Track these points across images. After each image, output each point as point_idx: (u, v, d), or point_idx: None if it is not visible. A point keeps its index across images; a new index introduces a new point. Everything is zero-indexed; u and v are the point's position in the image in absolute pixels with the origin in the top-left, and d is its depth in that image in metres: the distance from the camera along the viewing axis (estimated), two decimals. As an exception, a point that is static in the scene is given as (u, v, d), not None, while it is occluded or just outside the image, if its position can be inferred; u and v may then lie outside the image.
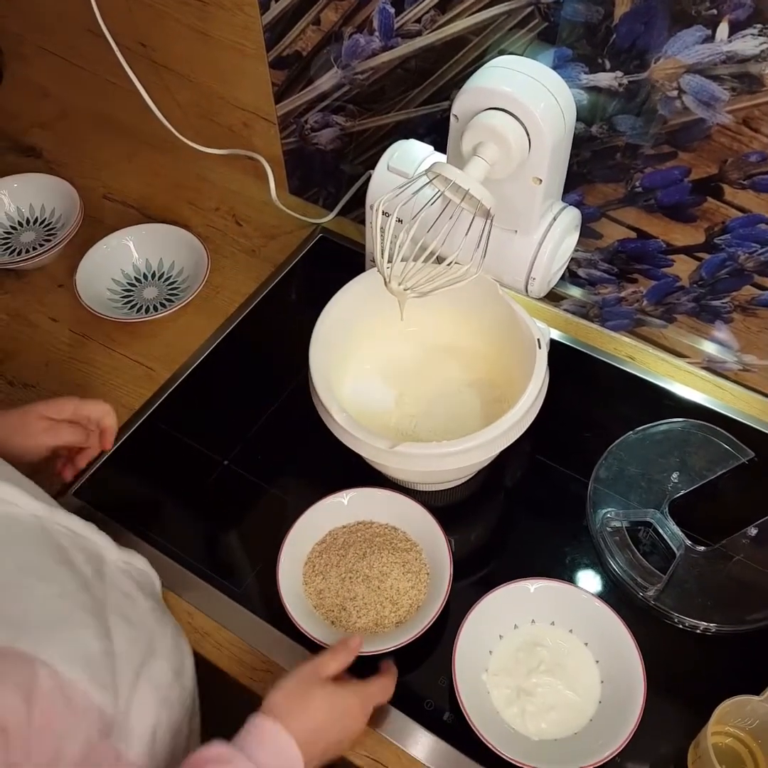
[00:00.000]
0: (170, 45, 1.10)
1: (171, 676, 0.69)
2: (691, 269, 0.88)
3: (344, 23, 0.90)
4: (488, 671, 0.77)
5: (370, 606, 0.79)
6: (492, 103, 0.70)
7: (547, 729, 0.74)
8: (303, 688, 0.68)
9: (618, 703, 0.74)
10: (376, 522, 0.84)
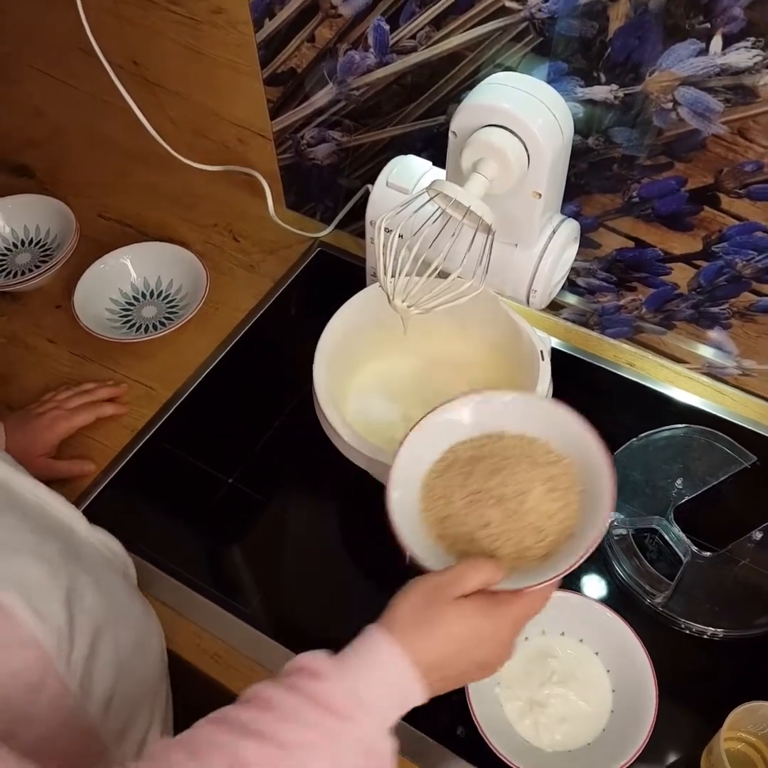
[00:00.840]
0: (163, 63, 1.10)
1: (132, 647, 0.70)
2: (689, 277, 0.89)
3: (339, 40, 0.91)
4: (501, 684, 0.77)
5: (508, 534, 0.62)
6: (490, 120, 0.70)
7: (560, 740, 0.74)
8: (433, 605, 0.56)
9: (630, 713, 0.74)
10: (509, 432, 0.68)
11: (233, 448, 0.94)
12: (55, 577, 0.63)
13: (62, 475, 0.90)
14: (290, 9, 0.91)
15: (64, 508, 0.73)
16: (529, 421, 0.68)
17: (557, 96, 0.72)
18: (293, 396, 0.98)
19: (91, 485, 0.91)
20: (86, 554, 0.71)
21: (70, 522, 0.73)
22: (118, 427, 0.96)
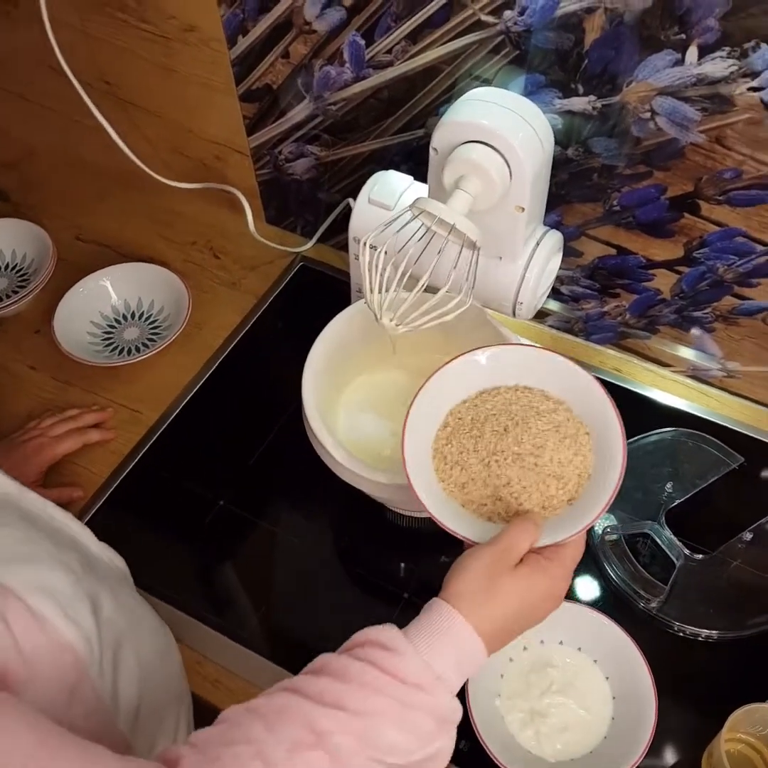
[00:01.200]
0: (135, 81, 1.09)
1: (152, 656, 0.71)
2: (671, 282, 0.89)
3: (314, 56, 0.90)
4: (501, 696, 0.77)
5: (531, 488, 0.64)
6: (470, 137, 0.70)
7: (562, 750, 0.75)
8: (494, 577, 0.58)
9: (631, 719, 0.75)
10: (503, 386, 0.70)
11: (223, 469, 0.94)
12: (79, 585, 0.63)
13: None
14: (263, 26, 0.91)
15: (73, 524, 0.73)
16: (518, 370, 0.69)
17: (536, 110, 0.73)
18: (281, 414, 0.97)
19: (81, 513, 0.90)
20: (99, 567, 0.71)
21: (80, 537, 0.73)
22: (105, 452, 0.95)
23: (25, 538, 0.64)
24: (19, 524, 0.66)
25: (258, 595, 0.85)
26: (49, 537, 0.67)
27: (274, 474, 0.94)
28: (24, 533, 0.65)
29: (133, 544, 0.88)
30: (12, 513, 0.68)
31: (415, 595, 0.84)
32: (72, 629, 0.59)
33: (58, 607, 0.58)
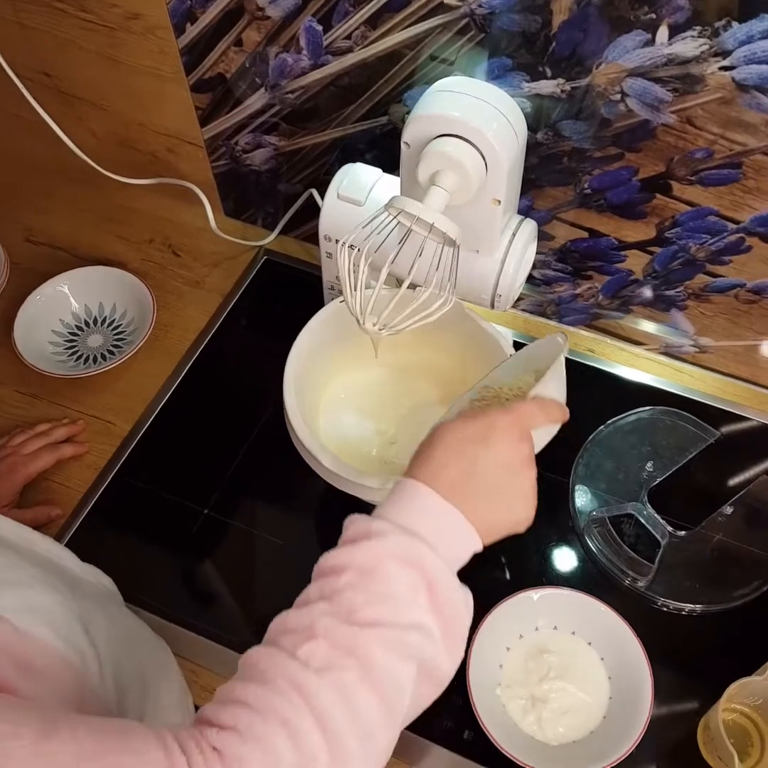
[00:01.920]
0: (78, 73, 1.04)
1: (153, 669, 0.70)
2: (644, 263, 0.89)
3: (269, 43, 0.87)
4: (501, 685, 0.78)
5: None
6: (443, 130, 0.68)
7: (564, 733, 0.76)
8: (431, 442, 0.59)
9: (628, 697, 0.76)
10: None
11: (204, 476, 0.92)
12: (68, 606, 0.61)
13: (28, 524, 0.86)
14: (213, 12, 0.87)
15: (54, 548, 0.72)
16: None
17: (507, 98, 0.71)
18: (260, 413, 0.95)
19: (61, 531, 0.88)
20: (86, 588, 0.69)
21: (61, 560, 0.71)
22: (80, 466, 0.92)
23: (8, 564, 0.63)
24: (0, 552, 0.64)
25: (250, 602, 0.84)
26: (32, 562, 0.65)
27: (257, 478, 0.92)
28: (6, 559, 0.63)
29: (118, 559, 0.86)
30: None
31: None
32: (67, 648, 0.57)
33: (49, 627, 0.57)
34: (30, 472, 0.88)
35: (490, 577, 0.86)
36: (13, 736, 0.41)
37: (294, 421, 0.76)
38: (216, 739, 0.45)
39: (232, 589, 0.86)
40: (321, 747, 0.46)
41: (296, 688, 0.47)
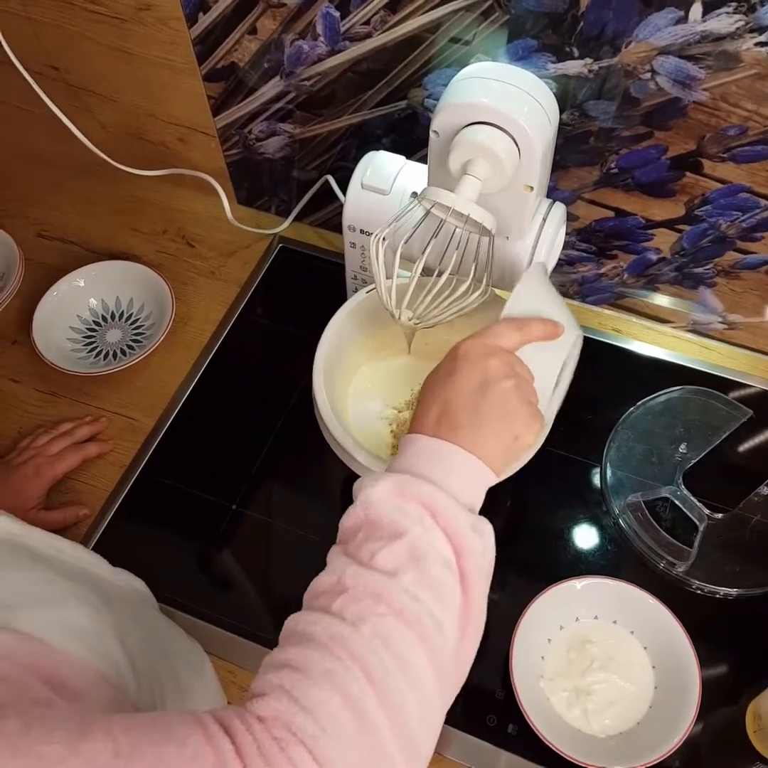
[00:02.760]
0: (86, 66, 1.02)
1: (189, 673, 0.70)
2: (672, 241, 0.88)
3: (284, 30, 0.85)
4: (544, 677, 0.78)
5: None
6: (474, 118, 0.66)
7: (610, 724, 0.76)
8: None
9: (674, 686, 0.76)
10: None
11: (230, 470, 0.91)
12: (101, 618, 0.61)
13: (57, 525, 0.86)
14: (226, 2, 0.85)
15: (84, 555, 0.71)
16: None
17: (539, 82, 0.69)
18: (284, 404, 0.95)
19: (90, 531, 0.87)
20: (117, 596, 0.68)
21: (92, 568, 0.71)
22: (105, 465, 0.92)
23: (41, 579, 0.62)
24: (32, 565, 0.64)
25: (284, 598, 0.83)
26: (63, 573, 0.65)
27: (285, 470, 0.91)
28: (39, 574, 0.62)
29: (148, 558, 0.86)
30: (23, 554, 0.65)
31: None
32: (103, 663, 0.57)
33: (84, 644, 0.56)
34: (56, 473, 0.87)
35: (527, 567, 0.85)
36: (46, 739, 0.40)
37: (326, 417, 0.75)
38: (261, 706, 0.43)
39: (264, 586, 0.85)
40: (368, 695, 0.45)
41: (337, 641, 0.46)
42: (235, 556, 0.87)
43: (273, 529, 0.88)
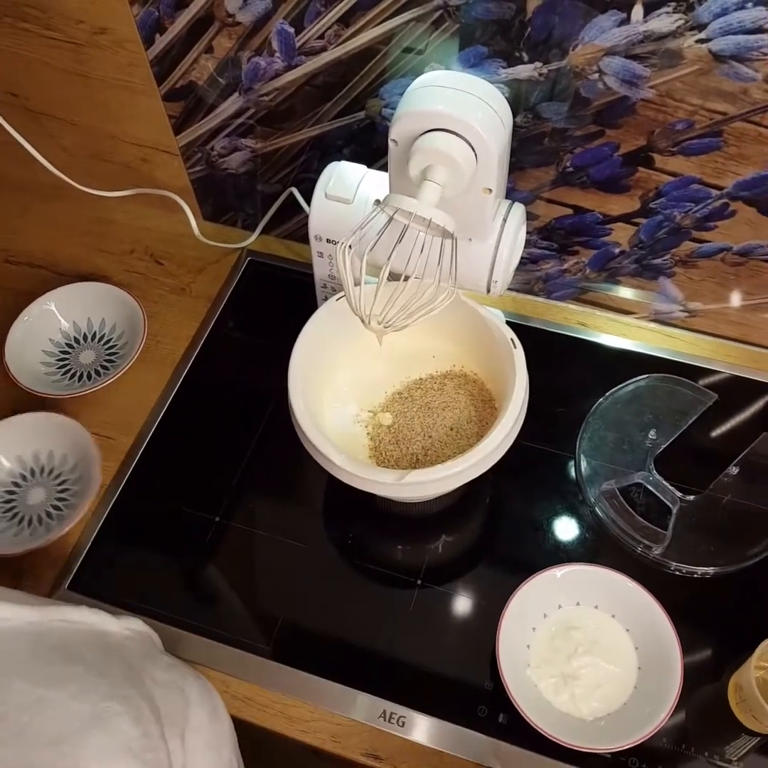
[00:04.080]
0: (45, 91, 1.02)
1: (207, 721, 0.69)
2: (629, 234, 0.91)
3: (240, 48, 0.86)
4: (531, 665, 0.79)
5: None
6: (430, 125, 0.68)
7: (598, 707, 0.77)
8: None
9: (657, 665, 0.77)
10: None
11: (211, 483, 0.92)
12: (138, 715, 0.59)
13: None
14: (182, 22, 0.86)
15: (89, 615, 0.67)
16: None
17: (491, 87, 0.71)
18: (260, 414, 0.96)
19: (73, 551, 0.88)
20: (130, 653, 0.68)
21: (99, 626, 0.68)
22: (85, 487, 0.92)
23: (75, 693, 0.58)
24: (60, 666, 0.60)
25: (274, 606, 0.85)
26: (86, 656, 0.62)
27: (266, 481, 0.92)
28: (76, 685, 0.59)
29: (134, 576, 0.87)
30: (42, 648, 0.61)
31: (427, 579, 0.85)
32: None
33: (135, 757, 0.56)
34: None
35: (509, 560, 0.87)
36: None
37: (303, 423, 0.77)
38: None
39: (253, 595, 0.86)
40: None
41: None
42: (221, 568, 0.88)
43: (257, 538, 0.89)
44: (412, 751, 0.77)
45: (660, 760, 0.75)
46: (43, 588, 0.86)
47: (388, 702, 0.78)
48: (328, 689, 0.79)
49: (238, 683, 0.81)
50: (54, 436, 0.93)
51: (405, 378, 0.89)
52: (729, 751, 0.75)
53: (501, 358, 0.81)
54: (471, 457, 0.74)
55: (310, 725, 0.79)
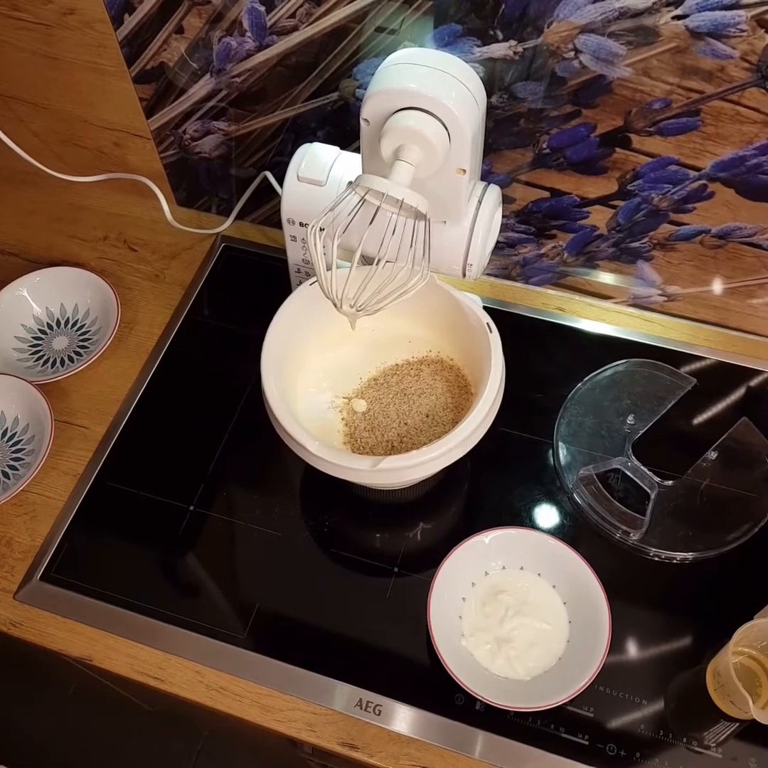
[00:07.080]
0: (14, 74, 1.00)
1: None
2: (607, 217, 0.90)
3: (211, 28, 0.85)
4: (464, 635, 0.79)
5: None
6: (403, 104, 0.67)
7: (534, 666, 0.77)
8: None
9: (585, 617, 0.78)
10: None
11: (186, 472, 0.91)
12: None
13: None
14: (151, 2, 0.84)
15: None
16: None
17: (465, 66, 0.69)
18: (235, 402, 0.94)
19: (45, 542, 0.86)
20: None
21: None
22: (58, 475, 0.90)
23: None
24: None
25: (249, 595, 0.84)
26: None
27: (241, 469, 0.91)
28: None
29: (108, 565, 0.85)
30: None
31: (404, 567, 0.84)
32: None
33: None
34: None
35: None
36: None
37: (276, 411, 0.75)
38: None
39: (229, 584, 0.85)
40: None
41: None
42: (196, 557, 0.86)
43: (232, 527, 0.88)
44: (388, 739, 0.76)
45: (638, 746, 0.74)
46: (15, 579, 0.84)
47: (365, 690, 0.77)
48: (304, 678, 0.78)
49: (212, 673, 0.80)
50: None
51: (381, 364, 0.88)
52: (708, 736, 0.75)
53: (477, 342, 0.80)
54: (446, 443, 0.73)
55: (286, 714, 0.78)
